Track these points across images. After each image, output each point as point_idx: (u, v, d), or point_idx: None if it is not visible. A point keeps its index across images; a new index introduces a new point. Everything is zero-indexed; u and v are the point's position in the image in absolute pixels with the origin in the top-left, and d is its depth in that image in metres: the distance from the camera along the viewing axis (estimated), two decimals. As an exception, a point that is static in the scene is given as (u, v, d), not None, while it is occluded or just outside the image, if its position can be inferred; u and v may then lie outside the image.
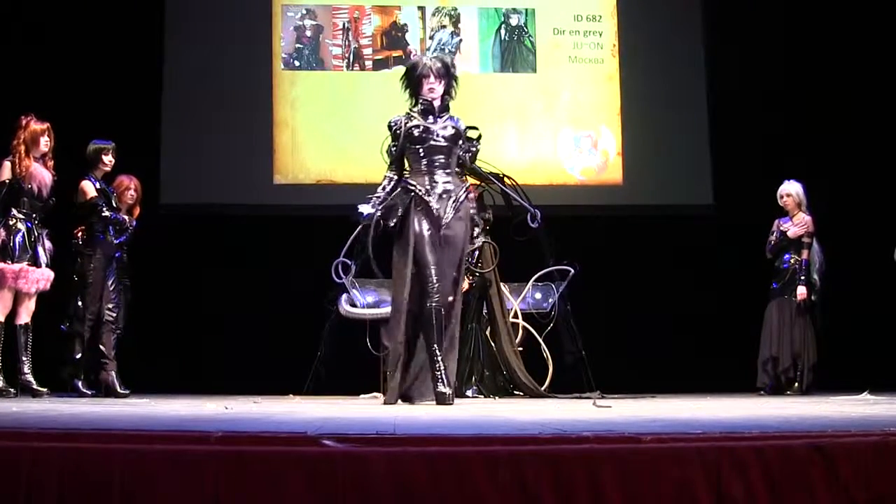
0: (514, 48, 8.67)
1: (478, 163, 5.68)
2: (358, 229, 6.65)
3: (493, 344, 6.49)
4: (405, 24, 8.68)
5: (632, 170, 8.60)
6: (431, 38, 8.67)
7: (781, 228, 7.12)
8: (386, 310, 6.96)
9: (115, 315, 6.16)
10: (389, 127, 5.13)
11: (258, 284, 8.01)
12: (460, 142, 5.09)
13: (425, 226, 4.92)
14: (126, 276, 6.57)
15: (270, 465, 2.04)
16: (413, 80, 5.12)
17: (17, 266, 5.65)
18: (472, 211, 5.17)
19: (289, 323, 7.64)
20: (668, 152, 8.57)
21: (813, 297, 6.99)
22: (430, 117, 5.06)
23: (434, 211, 4.92)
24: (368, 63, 8.62)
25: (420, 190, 4.98)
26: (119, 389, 6.00)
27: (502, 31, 8.72)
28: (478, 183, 6.15)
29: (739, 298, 7.79)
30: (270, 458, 2.07)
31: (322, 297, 6.91)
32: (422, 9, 8.71)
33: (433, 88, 5.05)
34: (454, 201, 4.96)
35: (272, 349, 7.71)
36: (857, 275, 7.76)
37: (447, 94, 5.12)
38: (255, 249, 8.10)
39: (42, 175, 5.78)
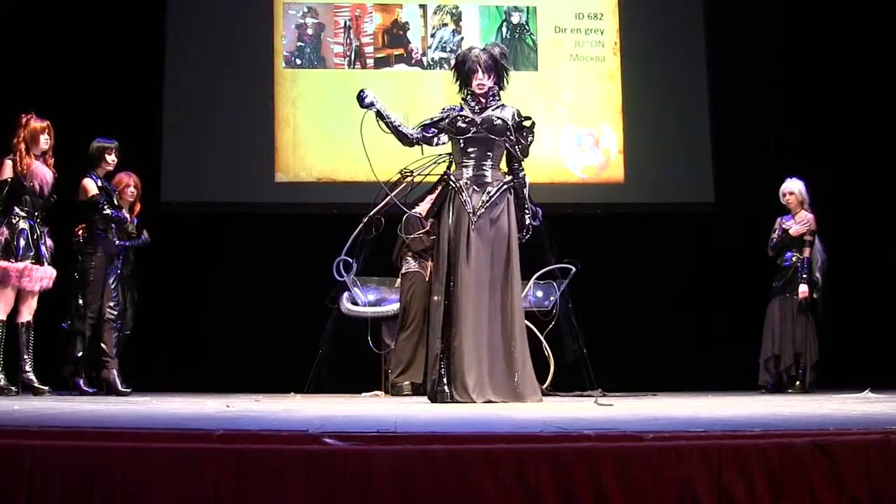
0: (516, 46, 8.66)
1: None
2: (359, 227, 6.68)
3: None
4: (406, 23, 8.68)
5: (633, 168, 8.60)
6: (433, 36, 8.67)
7: (784, 226, 7.11)
8: (387, 308, 6.98)
9: (116, 313, 6.15)
10: (442, 109, 5.07)
11: (259, 282, 8.01)
12: (508, 134, 4.95)
13: (456, 220, 4.85)
14: (133, 274, 6.59)
15: (272, 464, 2.05)
16: (462, 75, 5.02)
17: (21, 264, 5.65)
18: (512, 202, 4.95)
19: (290, 321, 7.65)
20: (669, 150, 8.56)
21: (815, 296, 6.99)
22: (478, 108, 4.97)
23: (466, 205, 4.85)
24: (370, 61, 8.62)
25: (456, 183, 4.92)
26: (120, 388, 6.00)
27: (504, 30, 8.72)
28: None
29: (741, 296, 7.79)
30: (272, 456, 2.07)
31: (323, 295, 6.92)
32: (423, 7, 8.70)
33: (482, 84, 4.96)
34: (488, 195, 4.88)
35: (273, 347, 7.71)
36: (859, 273, 7.76)
37: (497, 85, 5.02)
38: (256, 248, 8.10)
39: (43, 173, 5.78)
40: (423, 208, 6.79)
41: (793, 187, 7.12)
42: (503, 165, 5.06)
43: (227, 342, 7.83)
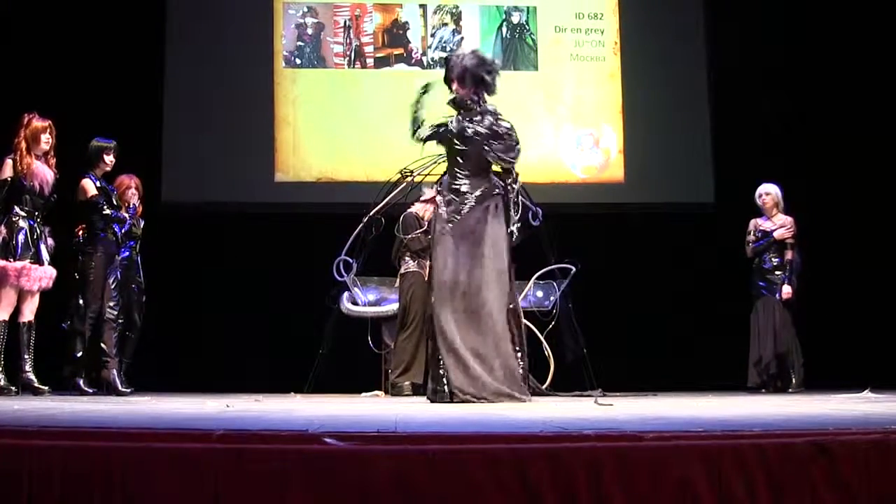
0: (516, 46, 8.67)
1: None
2: (360, 227, 6.68)
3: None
4: (406, 22, 8.68)
5: (633, 168, 8.60)
6: (433, 35, 8.67)
7: (762, 228, 7.20)
8: (387, 308, 6.99)
9: (115, 313, 6.14)
10: (431, 126, 5.08)
11: (259, 282, 8.01)
12: (485, 146, 4.94)
13: (445, 225, 4.91)
14: (138, 275, 6.58)
15: (272, 464, 2.04)
16: (447, 79, 5.06)
17: (19, 264, 5.64)
18: (497, 205, 4.96)
19: (290, 321, 7.64)
20: (669, 150, 8.57)
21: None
22: (468, 114, 5.01)
23: (455, 208, 4.90)
24: (370, 61, 8.62)
25: (447, 188, 4.97)
26: (120, 388, 5.99)
27: (504, 29, 8.72)
28: None
29: (740, 296, 7.78)
30: (272, 456, 2.07)
31: (323, 295, 6.92)
32: (423, 7, 8.70)
33: (458, 90, 5.00)
34: (474, 198, 4.91)
35: (273, 347, 7.71)
36: (860, 271, 7.76)
37: (476, 94, 5.03)
38: (256, 247, 8.10)
39: (44, 173, 5.78)
40: (419, 208, 6.81)
41: (770, 189, 7.29)
42: (495, 169, 5.08)
43: (227, 342, 7.82)
